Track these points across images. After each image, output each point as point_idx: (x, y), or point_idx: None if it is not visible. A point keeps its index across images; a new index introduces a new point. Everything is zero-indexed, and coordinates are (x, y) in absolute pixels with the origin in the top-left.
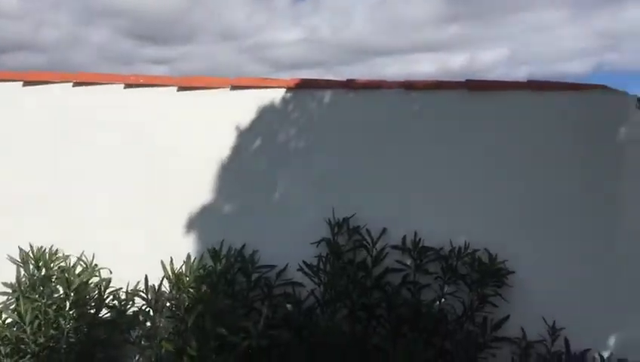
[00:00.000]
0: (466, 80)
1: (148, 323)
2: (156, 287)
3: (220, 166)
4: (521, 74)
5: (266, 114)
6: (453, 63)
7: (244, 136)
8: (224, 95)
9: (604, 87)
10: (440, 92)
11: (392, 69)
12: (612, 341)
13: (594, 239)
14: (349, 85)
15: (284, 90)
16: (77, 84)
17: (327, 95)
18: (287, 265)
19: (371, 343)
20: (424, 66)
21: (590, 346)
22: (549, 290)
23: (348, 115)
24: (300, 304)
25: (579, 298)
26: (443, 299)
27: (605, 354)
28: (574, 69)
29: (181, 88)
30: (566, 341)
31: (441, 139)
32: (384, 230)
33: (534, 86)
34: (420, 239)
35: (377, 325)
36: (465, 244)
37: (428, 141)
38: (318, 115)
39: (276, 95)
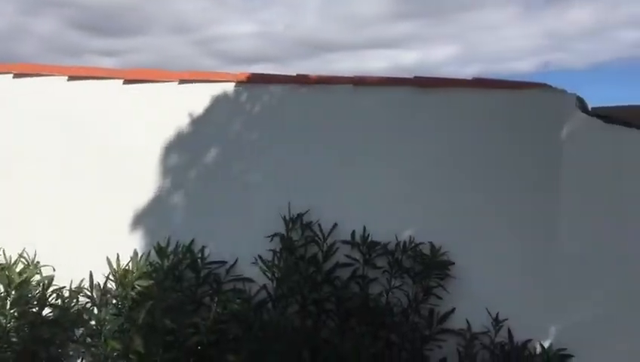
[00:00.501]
0: (415, 77)
1: (92, 322)
2: (101, 285)
3: (169, 160)
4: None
5: (216, 108)
6: (405, 60)
7: (194, 131)
8: (172, 88)
9: (545, 86)
10: (389, 88)
11: (346, 65)
12: (553, 331)
13: (534, 233)
14: (301, 80)
15: (235, 84)
16: (17, 75)
17: (278, 90)
18: (236, 260)
19: (321, 337)
20: (377, 62)
21: (532, 336)
22: (493, 283)
23: (300, 111)
24: (250, 299)
25: (521, 290)
26: (390, 293)
27: (546, 344)
28: (523, 67)
29: (127, 81)
30: (509, 332)
31: (390, 135)
32: (335, 225)
33: (479, 84)
34: (368, 234)
35: (327, 319)
36: (410, 238)
37: (377, 137)
38: (269, 110)
39: (227, 89)
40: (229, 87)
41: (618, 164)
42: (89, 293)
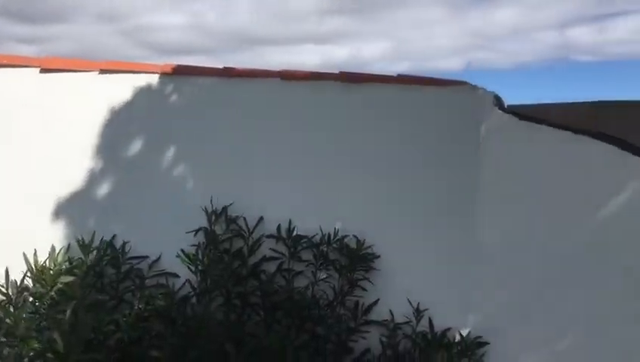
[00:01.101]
0: (341, 72)
1: (8, 320)
2: (18, 282)
3: (89, 153)
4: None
5: (139, 100)
6: (337, 55)
7: (115, 122)
8: (93, 79)
9: (465, 84)
10: (317, 83)
11: (278, 59)
12: (470, 320)
13: (455, 226)
14: (227, 73)
15: (159, 75)
16: None
17: (204, 82)
18: (160, 255)
19: (246, 331)
20: (309, 57)
21: (451, 325)
22: (416, 274)
23: (226, 103)
24: (174, 294)
25: (442, 281)
26: (316, 286)
27: (464, 332)
28: (450, 65)
29: (44, 70)
30: (430, 321)
31: (316, 129)
32: (260, 219)
33: (403, 80)
34: (294, 227)
35: (252, 313)
36: (335, 231)
37: (304, 131)
38: (194, 102)
39: (151, 80)
40: (153, 78)
41: (530, 158)
42: (4, 291)
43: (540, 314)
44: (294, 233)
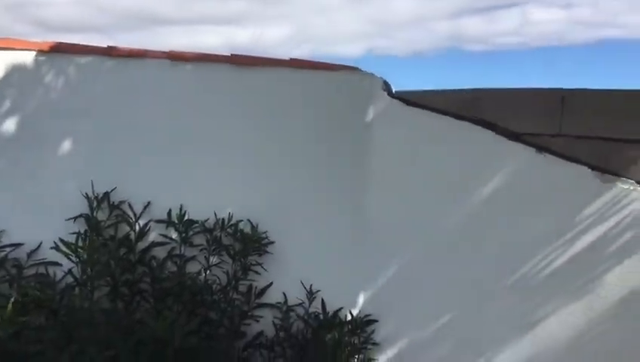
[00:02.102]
0: (232, 54)
1: None
2: None
3: None
4: (303, 53)
5: (14, 78)
6: (239, 38)
7: None
8: None
9: (355, 69)
10: (206, 65)
11: (178, 40)
12: (361, 300)
13: (346, 207)
14: (111, 52)
15: (36, 53)
16: None
17: (86, 61)
18: (41, 243)
19: (135, 319)
20: (210, 39)
21: (343, 305)
22: (308, 257)
23: (109, 84)
24: (55, 285)
25: (333, 262)
26: (208, 271)
27: (355, 312)
28: (351, 51)
29: None
30: (322, 302)
31: (206, 112)
32: (148, 204)
33: (295, 64)
34: (185, 212)
35: (142, 300)
36: (229, 216)
37: (193, 113)
38: (75, 82)
39: (26, 58)
40: (29, 56)
41: (415, 142)
42: None
43: (425, 291)
44: (186, 217)
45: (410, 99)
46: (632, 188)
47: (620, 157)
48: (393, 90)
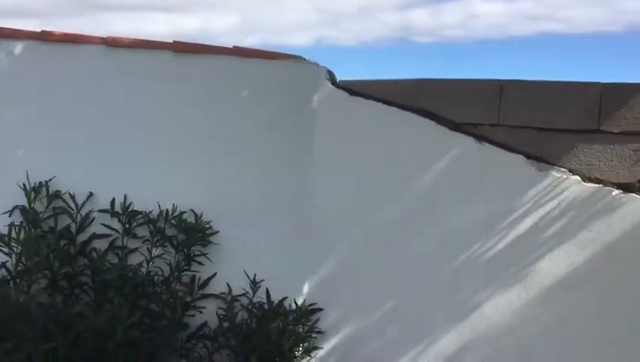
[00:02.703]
0: (173, 41)
1: None
2: None
3: None
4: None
5: None
6: (187, 26)
7: None
8: None
9: (298, 58)
10: (145, 51)
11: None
12: (306, 288)
13: (291, 196)
14: (43, 37)
15: None
16: None
17: (17, 46)
18: None
19: (74, 312)
20: (156, 26)
21: (288, 294)
22: (253, 246)
23: (43, 69)
24: None
25: (278, 251)
26: (151, 262)
27: (300, 300)
28: (299, 41)
29: None
30: (267, 291)
31: (147, 100)
32: (90, 194)
33: (238, 52)
34: (129, 203)
35: (81, 293)
36: (173, 206)
37: (133, 101)
38: (6, 67)
39: None
40: None
41: (359, 132)
42: None
43: (368, 279)
44: (130, 208)
45: (354, 89)
46: (565, 176)
47: (554, 146)
48: (337, 80)
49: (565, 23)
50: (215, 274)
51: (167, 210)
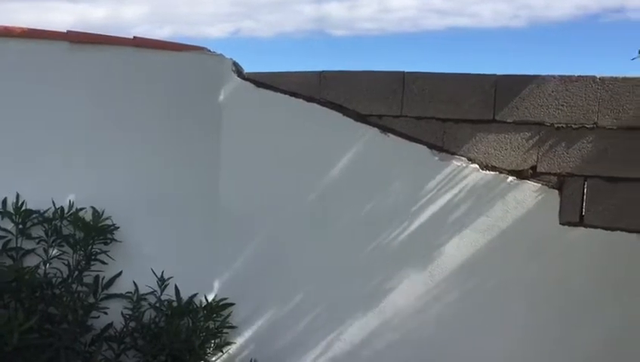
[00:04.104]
0: (68, 31)
1: None
2: None
3: None
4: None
5: None
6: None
7: None
8: None
9: (203, 49)
10: (39, 42)
11: (25, 16)
12: (217, 284)
13: (198, 191)
14: None
15: None
16: None
17: None
18: None
19: None
20: (62, 16)
21: (198, 291)
22: (160, 243)
23: None
24: None
25: (187, 248)
26: (48, 263)
27: (210, 296)
28: (214, 32)
29: None
30: (176, 289)
31: (39, 92)
32: None
33: (137, 43)
34: (23, 202)
35: None
36: (70, 204)
37: (25, 94)
38: None
39: None
40: None
41: (266, 124)
42: None
43: (281, 271)
44: (23, 207)
45: (261, 81)
46: (465, 165)
47: (454, 136)
48: (244, 71)
49: (474, 18)
50: (120, 272)
51: (62, 208)
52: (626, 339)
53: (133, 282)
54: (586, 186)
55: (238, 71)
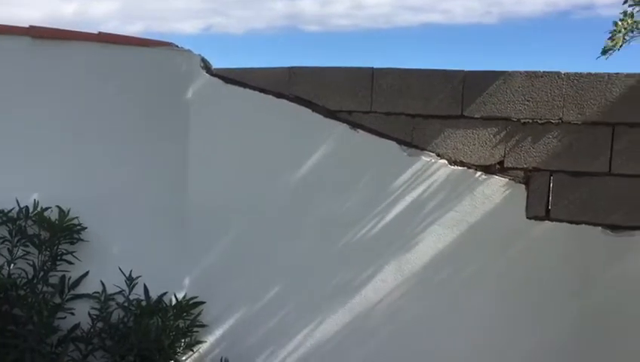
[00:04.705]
0: (30, 26)
1: None
2: None
3: None
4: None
5: None
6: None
7: None
8: None
9: (170, 45)
10: (1, 37)
11: None
12: (187, 282)
13: (166, 188)
14: None
15: None
16: None
17: None
18: None
19: None
20: (30, 12)
21: (167, 289)
22: (128, 243)
23: None
24: None
25: (156, 247)
26: (13, 264)
27: (180, 295)
28: (186, 28)
29: None
30: (145, 288)
31: (2, 89)
32: None
33: (103, 38)
34: None
35: None
36: (35, 203)
37: None
38: None
39: None
40: None
41: (236, 120)
42: None
43: (252, 268)
44: None
45: (229, 77)
46: (434, 160)
47: (423, 132)
48: (212, 68)
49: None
50: (87, 272)
51: (26, 207)
52: (590, 328)
53: (101, 282)
54: (551, 181)
55: (207, 67)
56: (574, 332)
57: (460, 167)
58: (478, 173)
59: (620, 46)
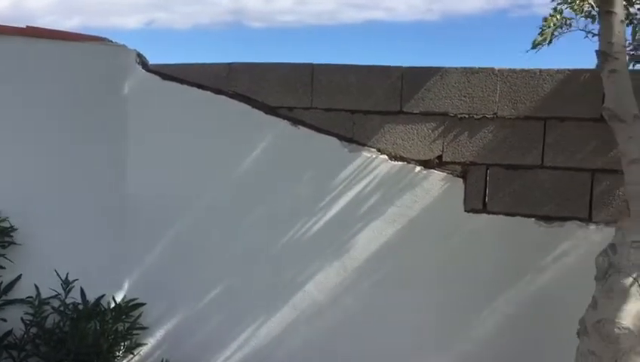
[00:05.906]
0: None
1: None
2: None
3: None
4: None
5: None
6: None
7: None
8: None
9: (104, 40)
10: None
11: None
12: (126, 284)
13: (103, 188)
14: None
15: None
16: None
17: None
18: None
19: None
20: None
21: (105, 292)
22: (64, 246)
23: None
24: None
25: (93, 249)
26: None
27: (119, 297)
28: (127, 23)
29: None
30: (82, 291)
31: None
32: None
33: (32, 33)
34: None
35: None
36: None
37: None
38: None
39: None
40: None
41: (174, 117)
42: None
43: (195, 267)
44: None
45: (166, 73)
46: (374, 156)
47: (363, 127)
48: (149, 63)
49: (389, 12)
50: (20, 276)
51: None
52: (525, 316)
53: (35, 286)
54: (487, 174)
55: (143, 63)
56: (511, 319)
57: (400, 162)
58: (418, 168)
59: (550, 41)
